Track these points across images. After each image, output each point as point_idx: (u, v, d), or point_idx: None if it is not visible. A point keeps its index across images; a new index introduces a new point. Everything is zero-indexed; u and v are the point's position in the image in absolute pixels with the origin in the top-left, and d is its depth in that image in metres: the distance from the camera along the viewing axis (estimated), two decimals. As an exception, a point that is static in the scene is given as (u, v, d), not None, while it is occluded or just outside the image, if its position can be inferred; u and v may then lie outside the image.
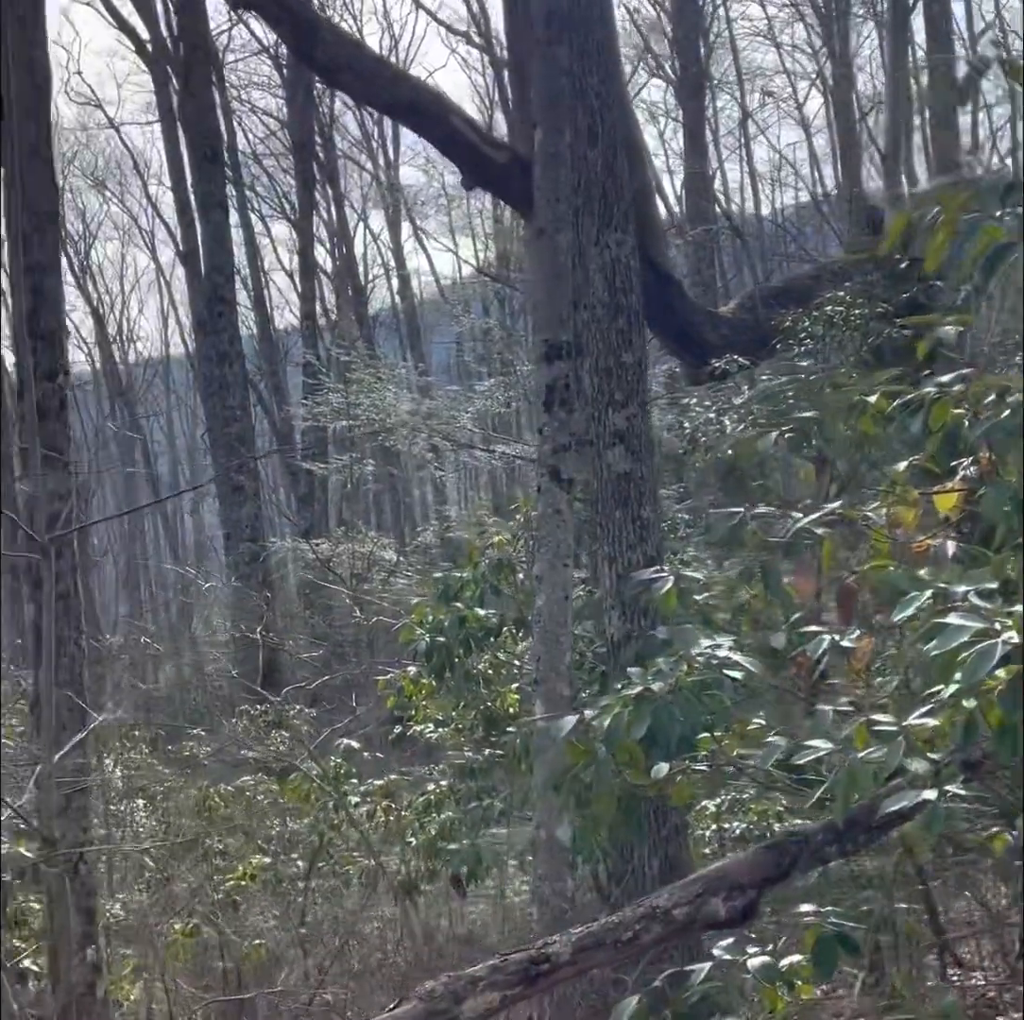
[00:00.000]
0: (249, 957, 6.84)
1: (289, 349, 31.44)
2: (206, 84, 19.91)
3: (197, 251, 21.71)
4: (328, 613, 19.38)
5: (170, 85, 21.92)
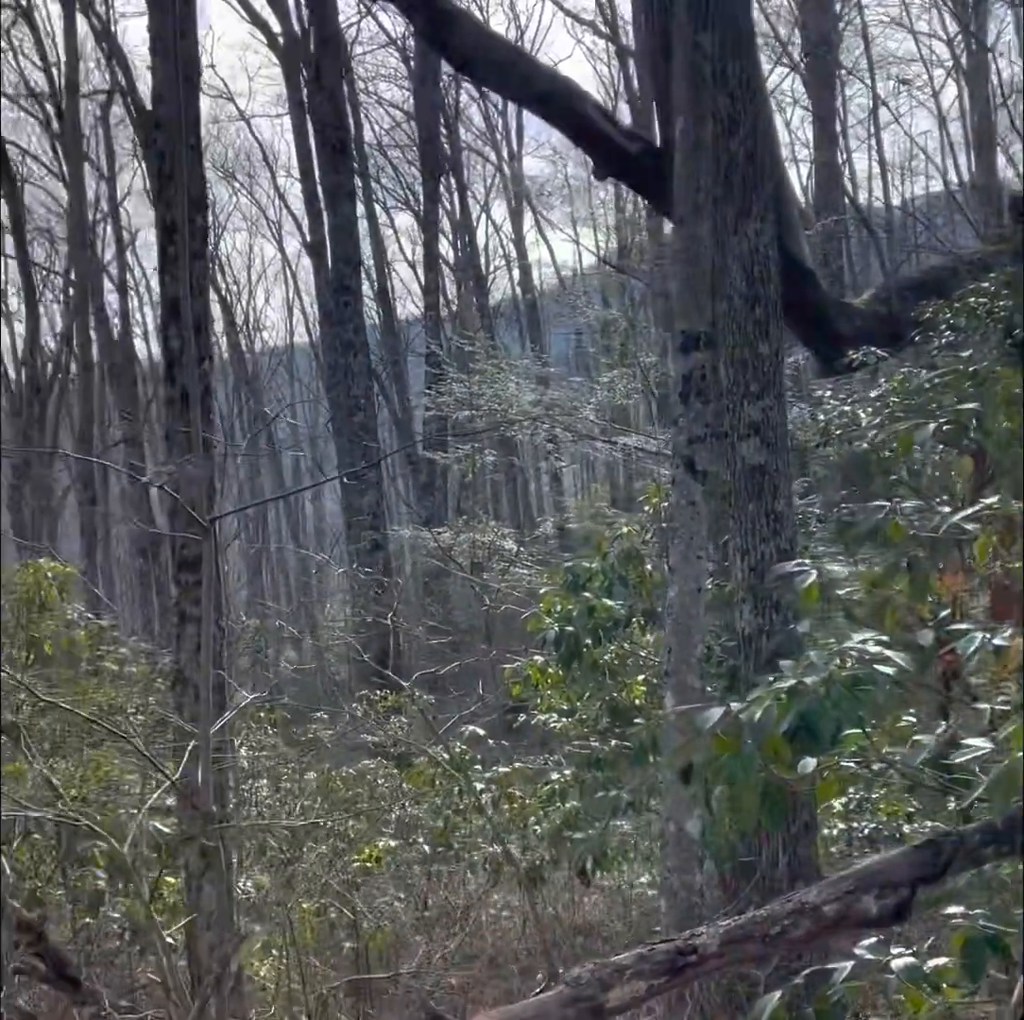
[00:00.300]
0: (373, 938, 6.92)
1: (413, 339, 31.70)
2: (335, 77, 20.17)
3: (324, 242, 22.04)
4: (446, 601, 19.55)
5: (300, 78, 22.22)
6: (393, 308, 30.63)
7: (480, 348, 18.37)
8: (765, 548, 6.10)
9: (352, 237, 20.80)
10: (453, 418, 18.80)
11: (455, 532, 17.28)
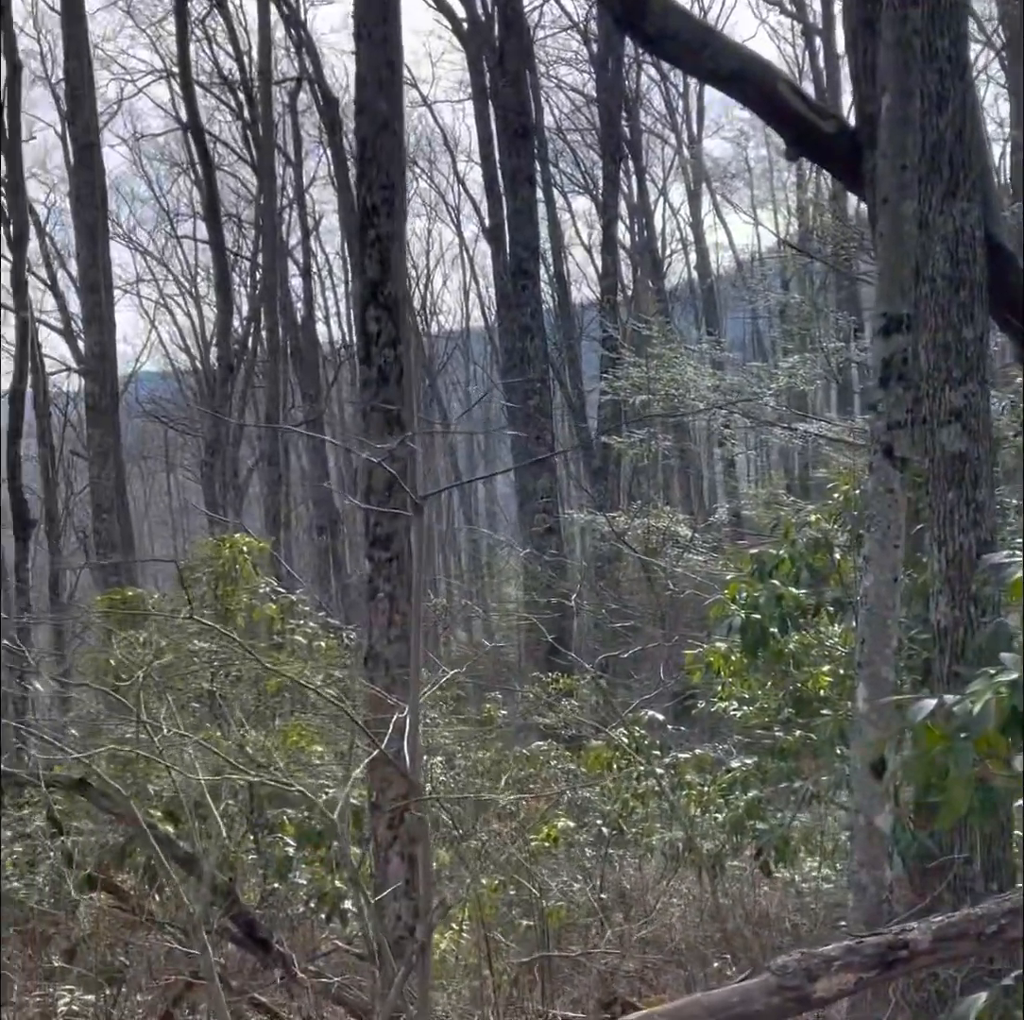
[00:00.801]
0: (550, 917, 6.96)
1: (588, 324, 31.70)
2: (519, 61, 20.24)
3: (502, 226, 22.18)
4: (617, 586, 19.52)
5: (483, 62, 22.39)
6: (568, 292, 30.67)
7: (657, 332, 18.25)
8: (964, 539, 5.92)
9: (531, 221, 20.89)
10: (629, 403, 18.73)
11: (629, 517, 17.24)
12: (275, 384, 22.26)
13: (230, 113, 29.48)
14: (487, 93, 22.44)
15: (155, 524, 45.92)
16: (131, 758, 7.36)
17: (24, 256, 19.44)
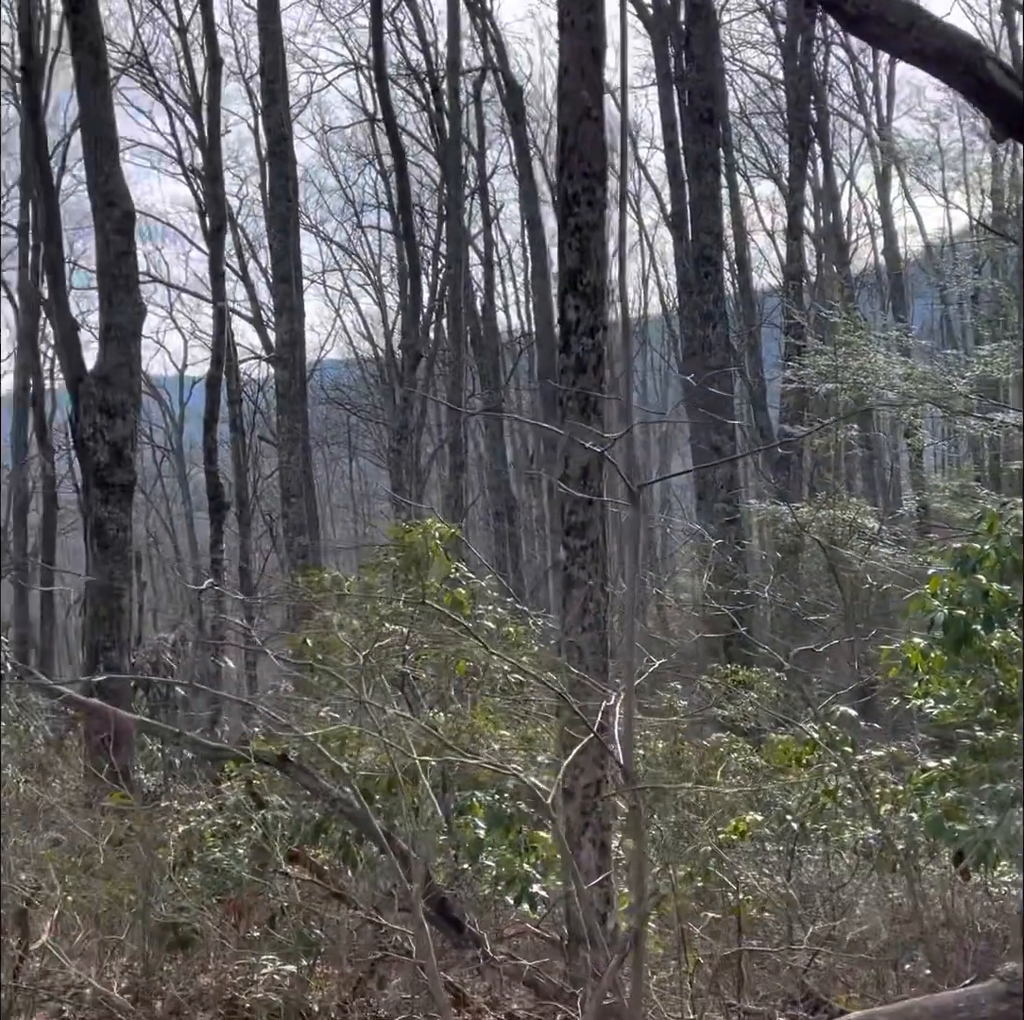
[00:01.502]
0: (737, 911, 6.88)
1: (770, 311, 31.21)
2: (706, 45, 19.99)
3: (684, 212, 22.00)
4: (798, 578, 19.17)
5: (668, 48, 22.21)
6: (750, 279, 30.25)
7: (844, 319, 17.85)
8: None
9: (715, 208, 20.65)
10: (816, 391, 18.37)
11: (813, 507, 16.90)
12: (457, 372, 22.53)
13: (415, 104, 29.92)
14: (671, 78, 22.25)
15: (336, 508, 46.98)
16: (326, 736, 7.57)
17: (222, 248, 20.11)
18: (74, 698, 6.54)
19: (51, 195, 14.39)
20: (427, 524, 7.95)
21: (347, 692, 7.53)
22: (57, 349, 14.87)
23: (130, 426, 12.93)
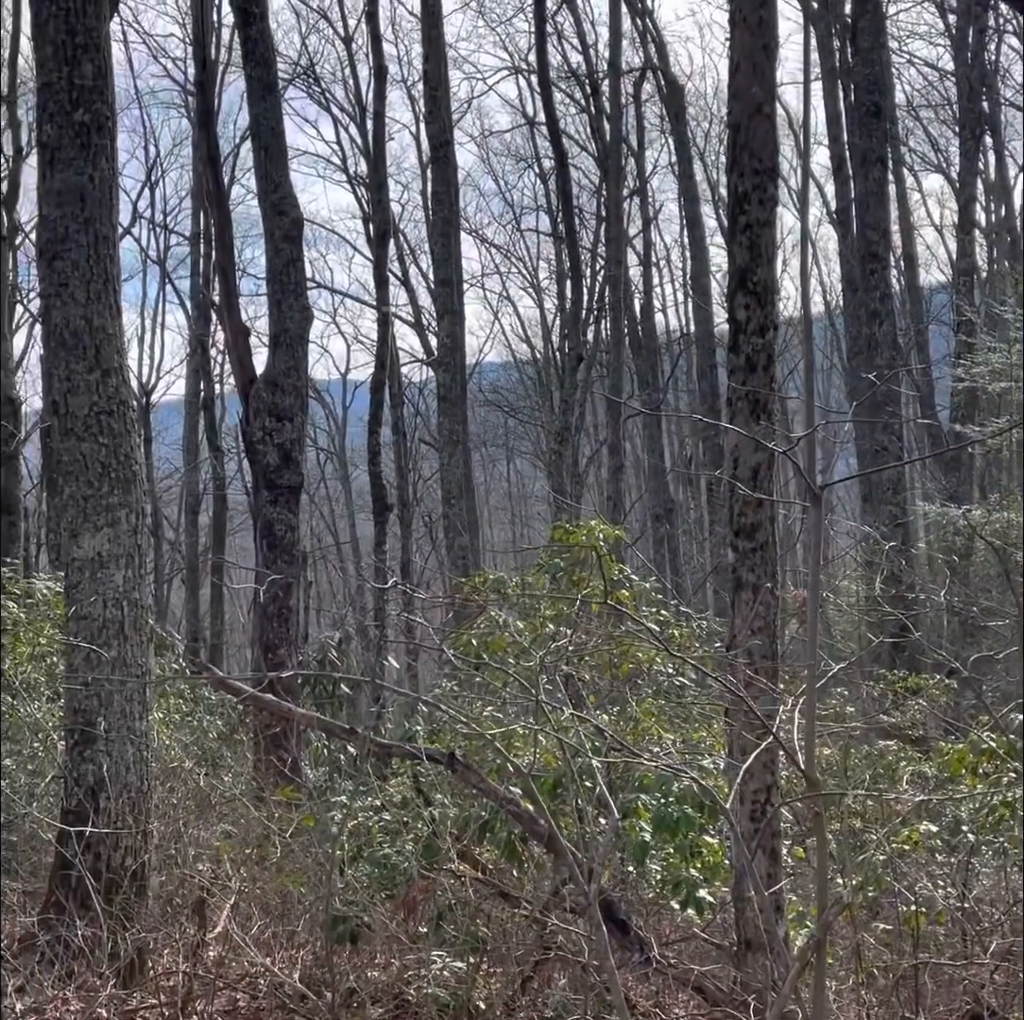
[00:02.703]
0: (913, 923, 6.70)
1: (938, 309, 30.40)
2: (872, 37, 19.56)
3: (849, 208, 21.56)
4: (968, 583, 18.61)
5: (833, 42, 21.81)
6: (917, 275, 29.49)
7: (1019, 315, 17.25)
8: None
9: (882, 203, 20.16)
10: (988, 390, 17.80)
11: (986, 510, 16.39)
12: (617, 373, 22.50)
13: (574, 106, 29.97)
14: (836, 72, 21.85)
15: (494, 510, 47.34)
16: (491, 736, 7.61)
17: (386, 253, 20.43)
18: (254, 695, 6.72)
19: (223, 204, 14.81)
20: (591, 526, 7.95)
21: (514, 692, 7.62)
22: (228, 354, 15.27)
23: (297, 429, 13.22)
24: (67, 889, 6.63)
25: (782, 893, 5.35)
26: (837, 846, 7.54)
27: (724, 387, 26.47)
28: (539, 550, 9.75)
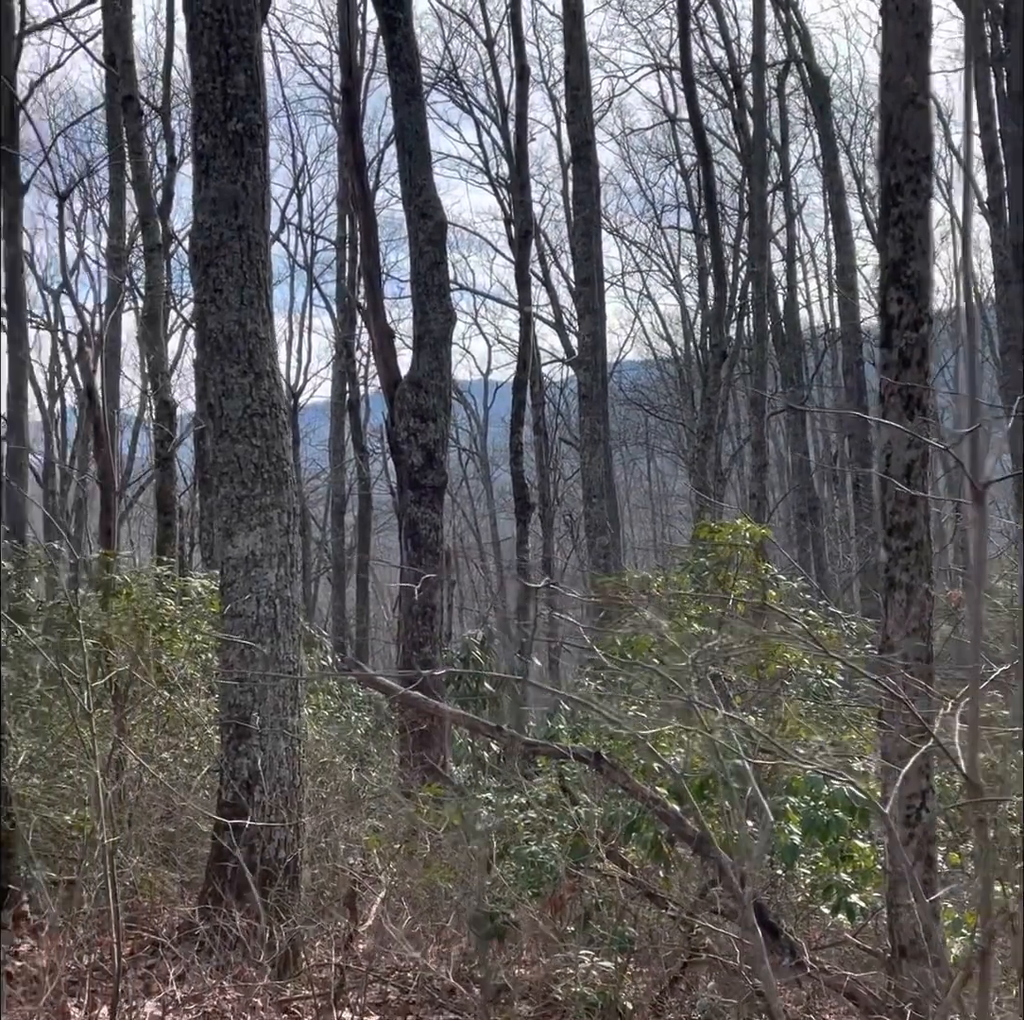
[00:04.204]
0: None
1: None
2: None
3: (1002, 198, 20.95)
4: None
5: (984, 28, 21.21)
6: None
7: None
8: None
9: (1039, 190, 19.56)
10: None
11: None
12: (761, 370, 22.23)
13: (716, 102, 29.71)
14: (987, 59, 21.24)
15: (634, 508, 47.16)
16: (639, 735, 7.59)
17: (528, 254, 20.51)
18: (403, 692, 6.82)
19: (368, 208, 15.03)
20: (736, 524, 7.87)
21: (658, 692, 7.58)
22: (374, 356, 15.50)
23: (441, 429, 13.36)
24: (223, 880, 6.81)
25: (938, 900, 5.22)
26: (997, 853, 7.34)
27: (871, 383, 25.90)
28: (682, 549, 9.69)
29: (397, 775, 10.83)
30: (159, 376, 14.74)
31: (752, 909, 4.11)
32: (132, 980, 6.10)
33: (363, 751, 11.27)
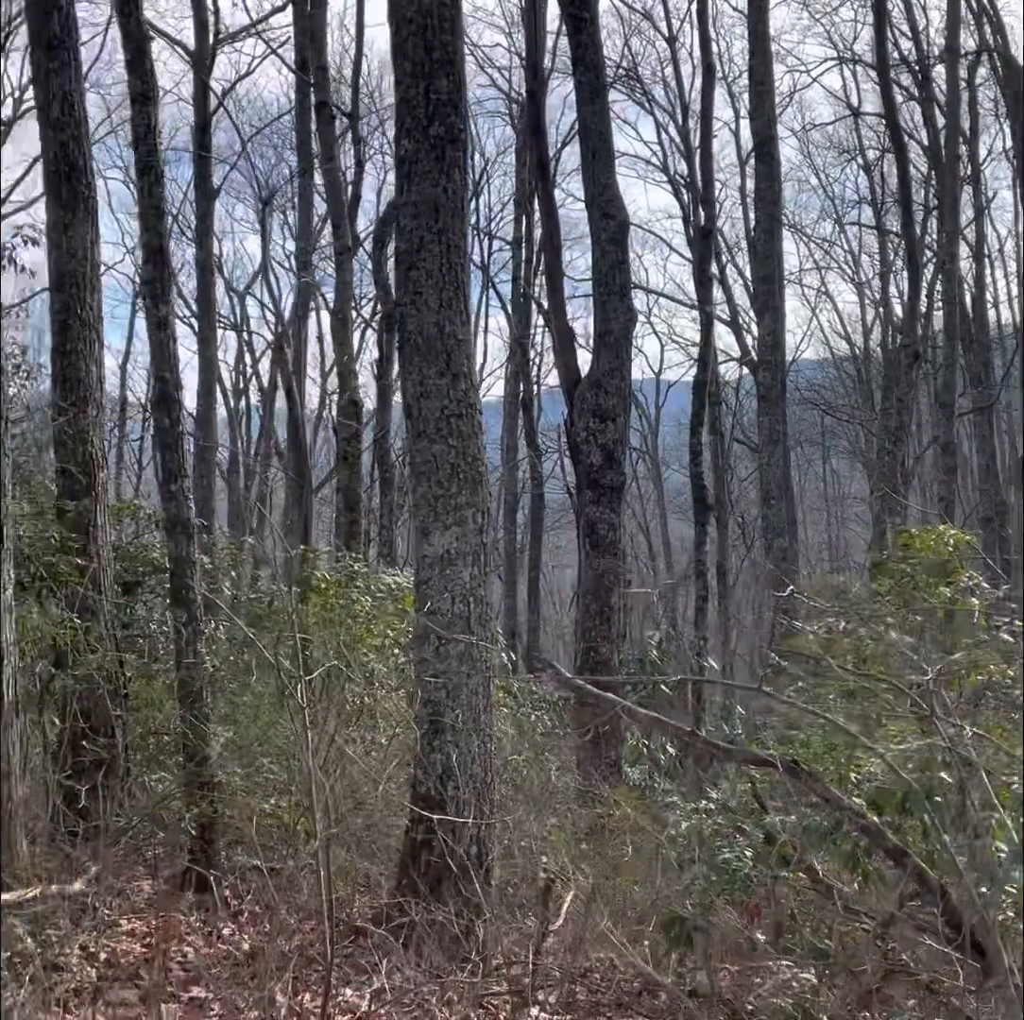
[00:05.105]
0: None
1: None
2: None
3: None
4: None
5: None
6: None
7: None
8: None
9: None
10: None
11: None
12: (951, 370, 21.57)
13: (901, 94, 28.93)
14: None
15: (808, 511, 46.34)
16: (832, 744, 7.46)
17: (710, 251, 20.34)
18: (593, 692, 6.82)
19: (551, 209, 15.08)
20: (939, 530, 7.64)
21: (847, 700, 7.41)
22: (554, 356, 15.56)
23: (620, 429, 13.33)
24: (417, 874, 6.90)
25: None
26: None
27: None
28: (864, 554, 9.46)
29: (576, 775, 10.84)
30: (349, 375, 15.04)
31: (969, 930, 3.97)
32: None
33: (541, 750, 11.32)
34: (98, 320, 9.20)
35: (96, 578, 8.71)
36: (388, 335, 18.75)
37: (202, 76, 20.47)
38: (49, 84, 9.03)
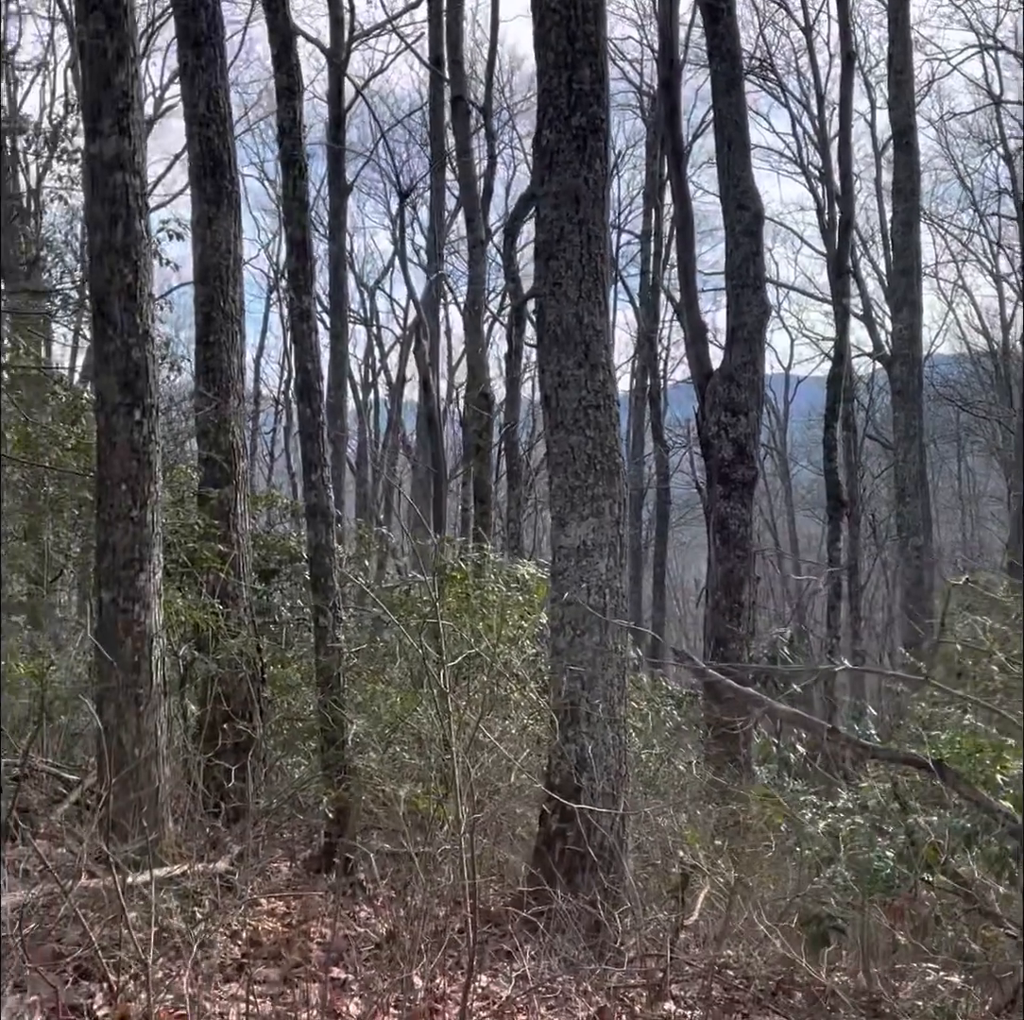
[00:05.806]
0: None
1: None
2: None
3: None
4: None
5: None
6: None
7: None
8: None
9: None
10: None
11: None
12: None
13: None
14: None
15: (942, 509, 45.30)
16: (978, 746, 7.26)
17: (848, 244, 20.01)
18: (732, 686, 6.76)
19: (685, 201, 14.97)
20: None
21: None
22: (686, 349, 15.44)
23: (752, 424, 13.18)
24: (552, 862, 6.91)
25: None
26: None
27: None
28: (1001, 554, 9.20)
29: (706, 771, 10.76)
30: (480, 369, 15.12)
31: None
32: (463, 953, 6.26)
33: (673, 745, 11.25)
34: (240, 312, 9.38)
35: (236, 565, 8.88)
36: (517, 329, 18.88)
37: (338, 72, 20.74)
38: (195, 80, 9.22)
